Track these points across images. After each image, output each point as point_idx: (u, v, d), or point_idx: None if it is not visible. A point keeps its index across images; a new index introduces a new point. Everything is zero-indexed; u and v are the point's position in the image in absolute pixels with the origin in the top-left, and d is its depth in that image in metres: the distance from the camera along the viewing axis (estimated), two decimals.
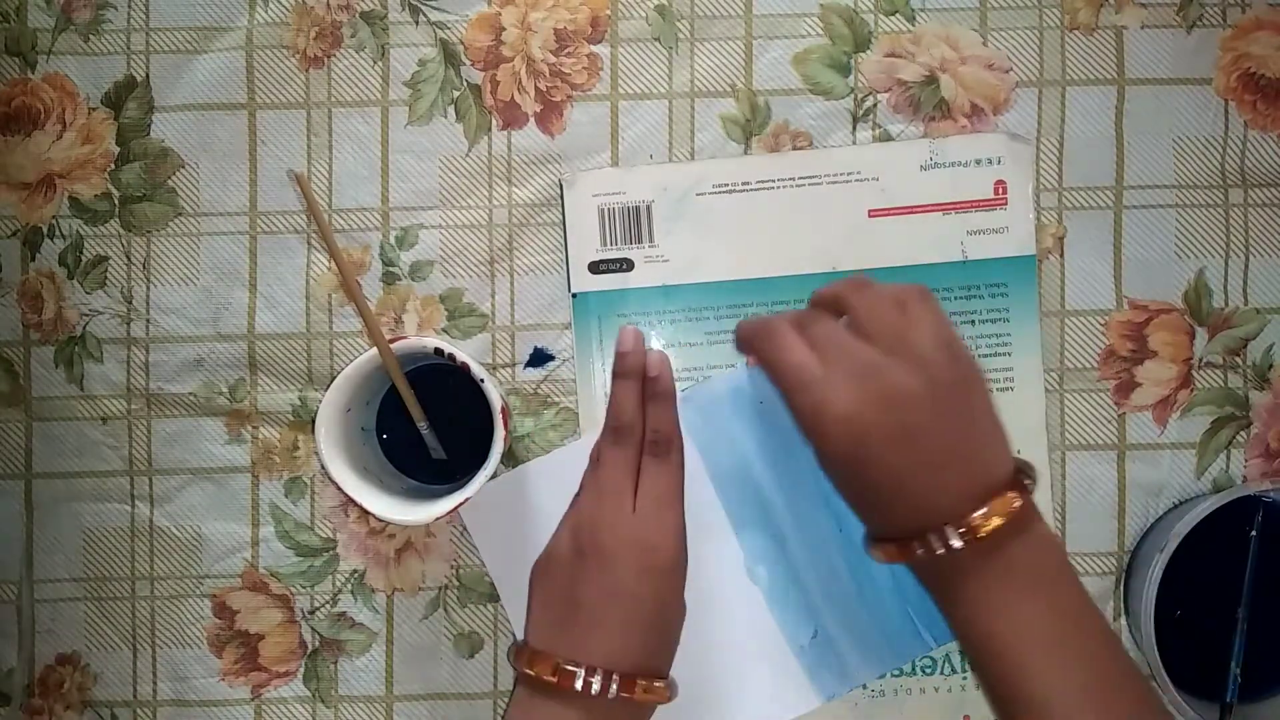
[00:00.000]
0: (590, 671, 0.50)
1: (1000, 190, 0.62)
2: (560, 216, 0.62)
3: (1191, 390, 0.62)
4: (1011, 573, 0.47)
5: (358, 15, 0.62)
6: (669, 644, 0.54)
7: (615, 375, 0.56)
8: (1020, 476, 0.48)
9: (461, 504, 0.54)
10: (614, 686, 0.50)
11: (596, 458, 0.55)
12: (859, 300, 0.49)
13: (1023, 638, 0.47)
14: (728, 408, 0.61)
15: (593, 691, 0.50)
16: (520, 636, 0.59)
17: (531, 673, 0.51)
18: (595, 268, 0.62)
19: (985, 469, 0.48)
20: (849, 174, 0.62)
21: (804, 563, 0.61)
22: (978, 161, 0.62)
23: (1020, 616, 0.47)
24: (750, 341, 0.52)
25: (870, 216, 0.62)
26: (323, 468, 0.56)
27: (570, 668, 0.50)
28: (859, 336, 0.48)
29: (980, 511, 0.46)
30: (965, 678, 0.61)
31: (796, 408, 0.49)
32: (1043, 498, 0.61)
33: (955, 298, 0.61)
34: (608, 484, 0.54)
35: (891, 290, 0.50)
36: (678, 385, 0.61)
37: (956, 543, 0.46)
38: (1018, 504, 0.47)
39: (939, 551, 0.47)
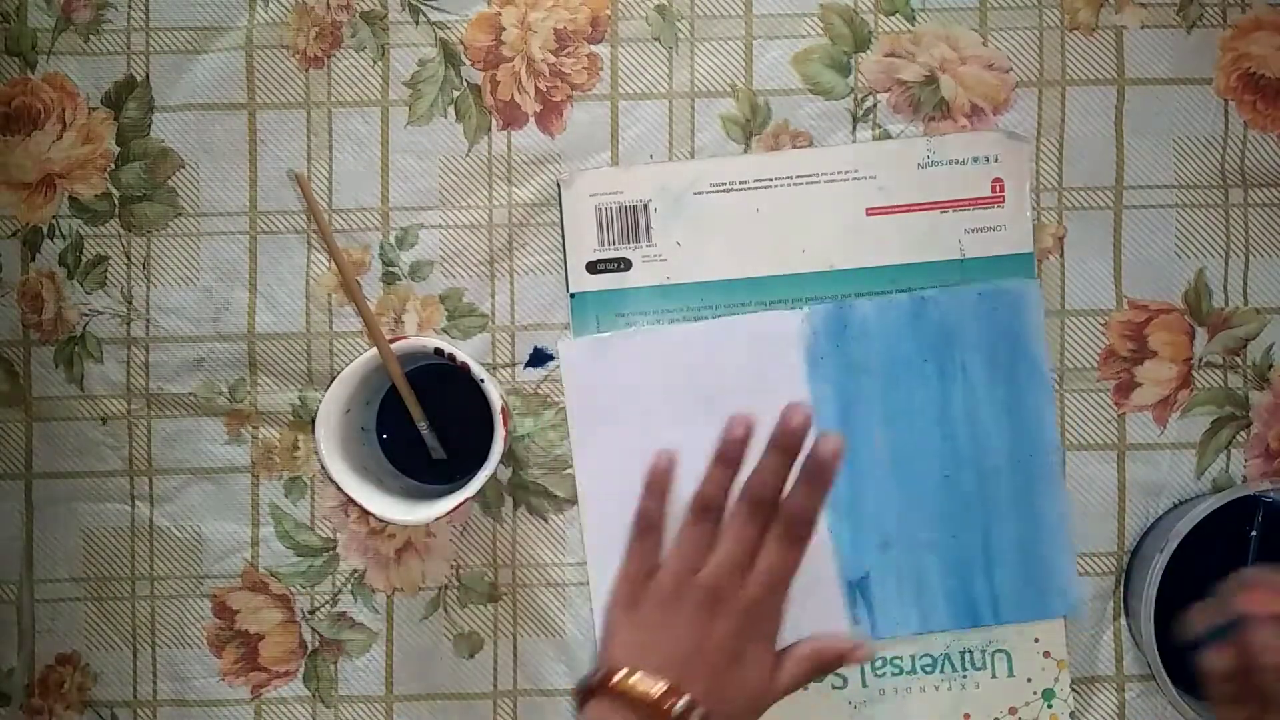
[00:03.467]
0: (692, 705, 0.48)
1: (998, 188, 0.62)
2: (559, 216, 0.62)
3: (1191, 390, 0.62)
4: None
5: (358, 15, 0.63)
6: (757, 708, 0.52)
7: (775, 447, 0.52)
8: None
9: (461, 504, 0.54)
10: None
11: (705, 511, 0.52)
12: None
13: None
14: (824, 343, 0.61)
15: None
16: (582, 492, 0.62)
17: (624, 688, 0.49)
18: (593, 267, 0.62)
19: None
20: (846, 172, 0.62)
21: (884, 499, 0.61)
22: (975, 160, 0.62)
23: None
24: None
25: (868, 215, 0.62)
26: (323, 468, 0.56)
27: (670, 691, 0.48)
28: None
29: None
30: (965, 675, 0.61)
31: None
32: None
33: None
34: (735, 549, 0.51)
35: None
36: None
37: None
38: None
39: None
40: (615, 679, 0.49)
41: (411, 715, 0.62)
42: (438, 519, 0.55)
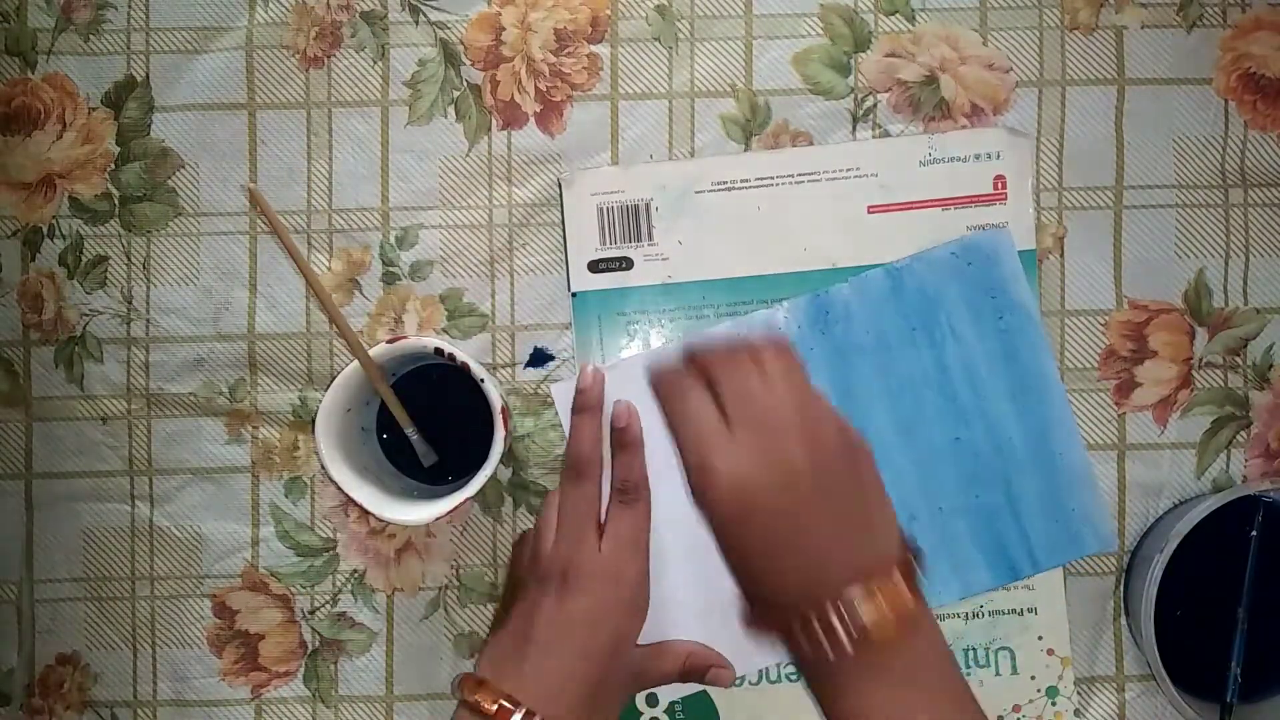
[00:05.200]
0: (528, 716, 0.50)
1: (999, 185, 0.62)
2: (560, 216, 0.62)
3: (1191, 390, 0.62)
4: (892, 671, 0.46)
5: (358, 15, 0.63)
6: (612, 699, 0.54)
7: (574, 411, 0.58)
8: (908, 554, 0.48)
9: (462, 504, 0.54)
10: None
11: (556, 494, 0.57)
12: (771, 358, 0.50)
13: None
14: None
15: None
16: None
17: (471, 700, 0.51)
18: (594, 267, 0.62)
19: (871, 543, 0.48)
20: (848, 170, 0.62)
21: None
22: (976, 156, 0.62)
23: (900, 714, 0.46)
24: (660, 393, 0.52)
25: (869, 212, 0.62)
26: (323, 468, 0.56)
27: (508, 705, 0.50)
28: (771, 393, 0.49)
29: (857, 589, 0.45)
30: (968, 673, 0.60)
31: (689, 460, 0.49)
32: None
33: None
34: (572, 521, 0.55)
35: (795, 359, 0.51)
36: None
37: (840, 630, 0.45)
38: (905, 592, 0.46)
39: (821, 636, 0.45)
40: (464, 691, 0.51)
41: (411, 715, 0.62)
42: (438, 519, 0.55)
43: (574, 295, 0.62)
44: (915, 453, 0.61)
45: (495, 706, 0.50)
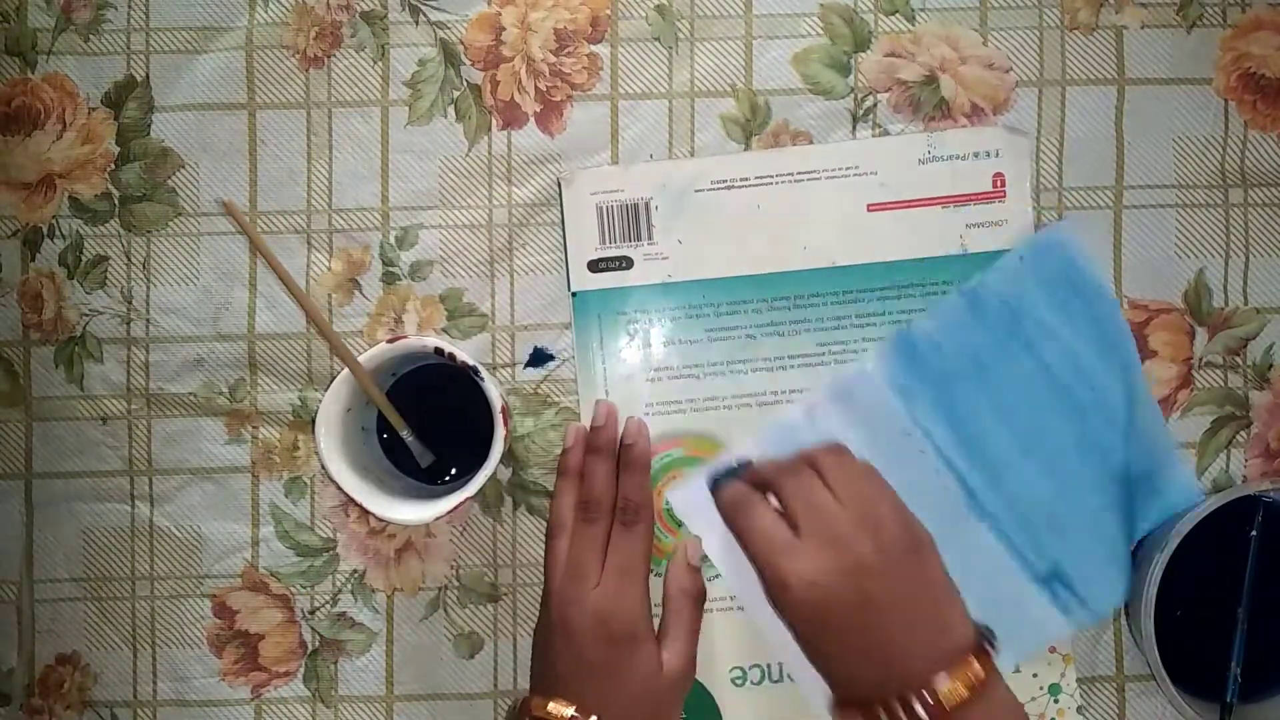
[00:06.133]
0: None
1: (999, 183, 0.62)
2: (559, 216, 0.62)
3: (1191, 390, 0.62)
4: None
5: (358, 15, 0.63)
6: (656, 711, 0.55)
7: (589, 450, 0.59)
8: (982, 640, 0.50)
9: (462, 504, 0.54)
10: None
11: (563, 527, 0.57)
12: (831, 465, 0.53)
13: None
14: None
15: None
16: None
17: (541, 714, 0.53)
18: (594, 266, 0.62)
19: (946, 634, 0.50)
20: (847, 169, 0.62)
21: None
22: (976, 155, 0.62)
23: None
24: (728, 512, 0.55)
25: (869, 211, 0.62)
26: (323, 468, 0.56)
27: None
28: (834, 500, 0.52)
29: (942, 676, 0.48)
30: None
31: (764, 572, 0.51)
32: None
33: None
34: (575, 561, 0.56)
35: (854, 461, 0.54)
36: (681, 383, 0.61)
37: (920, 710, 0.47)
38: (981, 673, 0.48)
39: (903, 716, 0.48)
40: (534, 708, 0.54)
41: (411, 715, 0.62)
42: (438, 519, 0.55)
43: (574, 295, 0.62)
44: (1043, 463, 0.59)
45: (568, 716, 0.52)
